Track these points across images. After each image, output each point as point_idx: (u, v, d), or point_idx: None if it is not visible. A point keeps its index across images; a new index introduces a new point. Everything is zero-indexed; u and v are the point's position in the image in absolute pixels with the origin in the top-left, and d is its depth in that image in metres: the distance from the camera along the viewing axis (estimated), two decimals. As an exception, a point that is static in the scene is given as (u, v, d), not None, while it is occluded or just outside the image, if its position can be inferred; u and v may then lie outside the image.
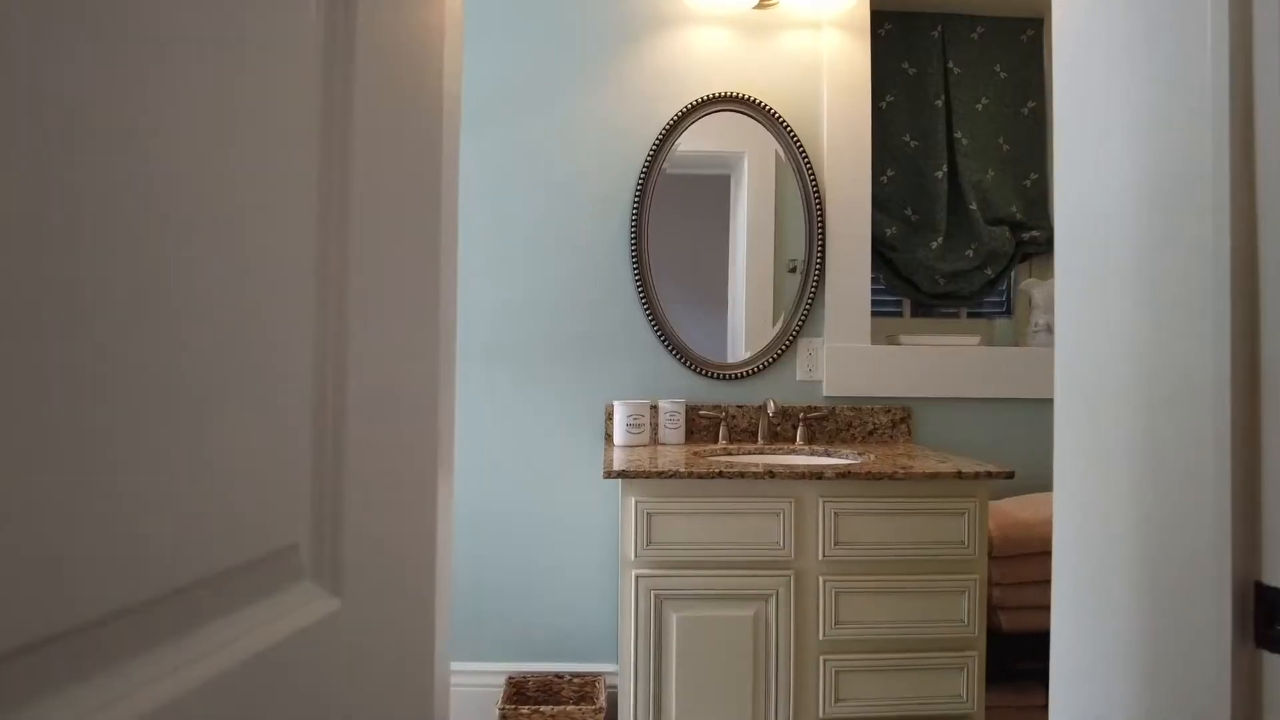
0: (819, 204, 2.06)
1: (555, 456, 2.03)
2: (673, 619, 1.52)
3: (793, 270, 2.10)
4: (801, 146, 2.06)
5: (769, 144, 2.08)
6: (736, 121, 2.08)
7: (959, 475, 1.53)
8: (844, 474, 1.51)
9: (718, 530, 1.52)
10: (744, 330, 2.07)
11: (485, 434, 2.03)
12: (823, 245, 2.06)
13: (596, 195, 2.05)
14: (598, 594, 2.03)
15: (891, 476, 1.51)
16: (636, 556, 1.52)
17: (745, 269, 2.08)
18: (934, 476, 1.52)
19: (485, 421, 2.03)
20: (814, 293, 2.05)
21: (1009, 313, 2.40)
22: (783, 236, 2.09)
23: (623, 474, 1.50)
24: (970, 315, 2.39)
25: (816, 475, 1.51)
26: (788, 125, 2.06)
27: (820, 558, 1.53)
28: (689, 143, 2.06)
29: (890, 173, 2.26)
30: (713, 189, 2.12)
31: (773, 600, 1.53)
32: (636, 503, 1.52)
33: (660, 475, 1.50)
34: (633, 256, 2.03)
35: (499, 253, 2.04)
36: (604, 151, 2.05)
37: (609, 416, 2.01)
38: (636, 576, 1.52)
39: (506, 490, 2.03)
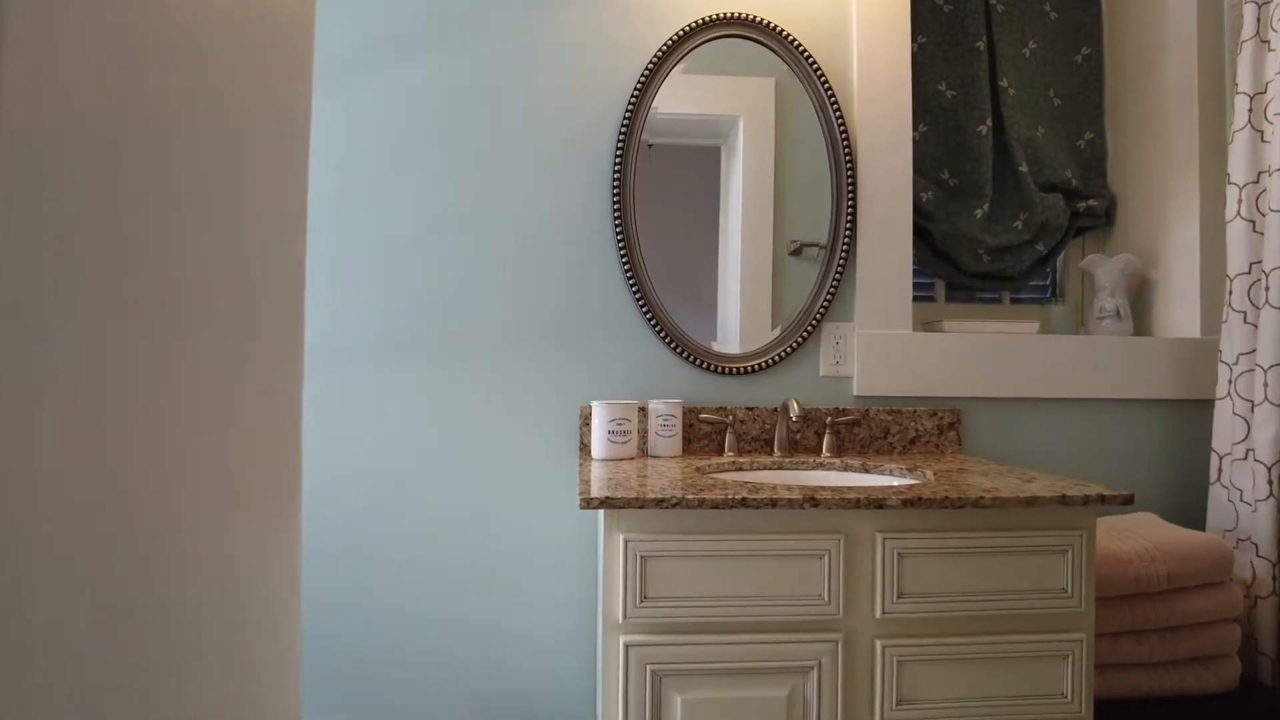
0: (849, 160, 1.66)
1: (517, 473, 1.59)
2: (676, 703, 1.09)
3: (795, 252, 1.68)
4: (828, 85, 1.65)
5: (778, 95, 1.67)
6: (737, 83, 1.65)
7: (1062, 500, 1.13)
8: (911, 500, 1.10)
9: (738, 579, 1.10)
10: (752, 314, 1.65)
11: (426, 446, 1.58)
12: (853, 210, 1.66)
13: (568, 140, 1.62)
14: (573, 648, 1.60)
15: (976, 503, 1.11)
16: (626, 618, 1.09)
17: (750, 241, 1.66)
18: (1032, 502, 1.12)
19: (425, 431, 1.58)
20: (842, 267, 1.65)
21: (1054, 296, 2.03)
22: (790, 209, 1.67)
23: (607, 503, 1.07)
24: (1012, 300, 2.01)
25: (876, 503, 1.10)
26: (809, 55, 1.65)
27: (878, 615, 1.12)
28: (675, 103, 1.63)
29: (923, 128, 1.87)
30: (709, 155, 1.70)
31: (813, 674, 1.11)
32: (626, 542, 1.09)
33: (660, 504, 1.07)
34: (616, 219, 1.60)
35: (439, 218, 1.59)
36: (578, 83, 1.62)
37: (585, 421, 1.58)
38: (626, 646, 1.09)
39: (453, 518, 1.58)
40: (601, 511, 1.16)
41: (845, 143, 1.65)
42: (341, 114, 1.58)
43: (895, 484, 1.38)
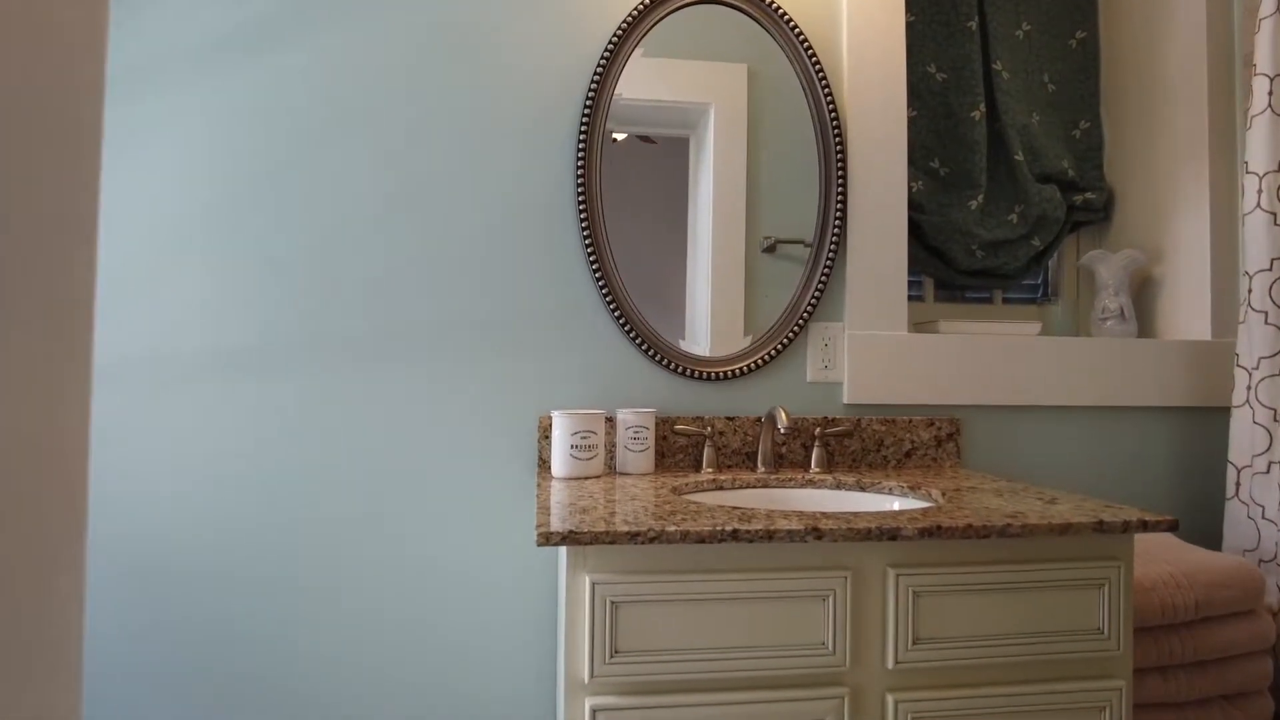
0: (839, 140, 1.50)
1: (464, 496, 1.39)
2: (653, 777, 0.91)
3: (769, 249, 1.51)
4: (816, 58, 1.49)
5: (751, 82, 1.50)
6: (707, 69, 1.48)
7: (1099, 526, 0.97)
8: (930, 530, 0.93)
9: (727, 627, 0.92)
10: (726, 316, 1.48)
11: (355, 466, 1.36)
12: (843, 196, 1.49)
13: (525, 113, 1.42)
14: (528, 713, 1.39)
15: (1003, 531, 0.95)
16: (593, 676, 0.90)
17: (721, 238, 1.49)
18: (1065, 530, 0.96)
19: (356, 444, 1.36)
20: (831, 260, 1.48)
21: (1047, 295, 1.90)
22: (765, 204, 1.50)
23: (571, 538, 0.88)
24: (1004, 300, 1.88)
25: (889, 534, 0.92)
26: (794, 24, 1.48)
27: (890, 665, 0.95)
28: (641, 88, 1.45)
29: (912, 112, 1.72)
30: (678, 146, 1.52)
31: (815, 737, 0.93)
32: (593, 585, 0.90)
33: (634, 539, 0.89)
34: (580, 204, 1.41)
35: (376, 197, 1.38)
36: (539, 49, 1.43)
37: (545, 434, 1.38)
38: (593, 710, 0.90)
39: (386, 551, 1.37)
40: (563, 549, 0.97)
41: (835, 122, 1.48)
42: (272, 93, 1.36)
43: (898, 506, 1.22)
